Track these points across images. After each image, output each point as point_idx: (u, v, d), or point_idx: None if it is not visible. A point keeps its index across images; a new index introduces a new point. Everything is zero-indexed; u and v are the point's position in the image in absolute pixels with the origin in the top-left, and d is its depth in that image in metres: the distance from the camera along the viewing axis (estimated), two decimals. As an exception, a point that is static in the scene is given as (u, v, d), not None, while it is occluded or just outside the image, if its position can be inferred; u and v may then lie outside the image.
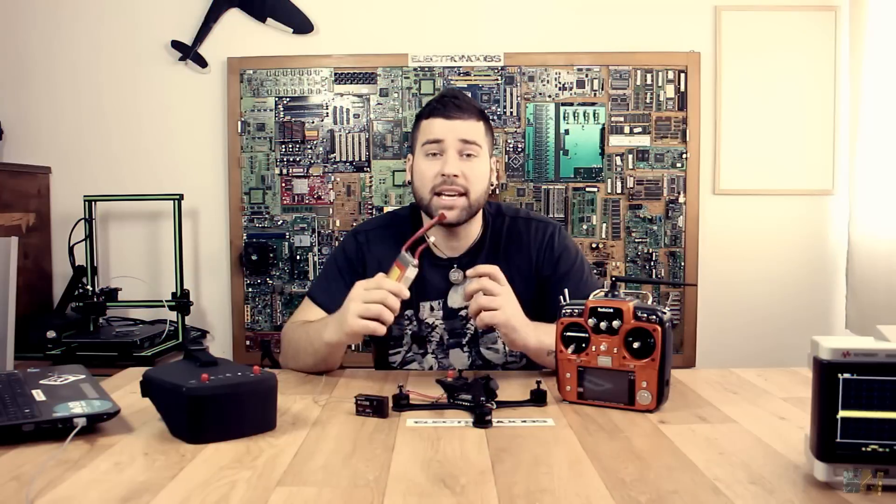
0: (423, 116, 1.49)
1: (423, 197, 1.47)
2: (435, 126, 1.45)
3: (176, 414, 1.00)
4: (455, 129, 1.44)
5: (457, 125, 1.44)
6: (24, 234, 2.47)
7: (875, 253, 2.35)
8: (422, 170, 1.46)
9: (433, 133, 1.45)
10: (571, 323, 1.16)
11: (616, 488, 0.82)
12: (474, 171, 1.45)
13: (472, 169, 1.44)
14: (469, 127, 1.45)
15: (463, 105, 1.46)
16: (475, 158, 1.45)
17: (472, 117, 1.46)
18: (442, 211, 1.42)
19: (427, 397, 1.17)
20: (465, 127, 1.45)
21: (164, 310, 2.44)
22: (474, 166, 1.45)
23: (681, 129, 2.59)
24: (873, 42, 2.37)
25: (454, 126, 1.44)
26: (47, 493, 0.81)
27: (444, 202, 1.43)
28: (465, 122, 1.45)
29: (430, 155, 1.45)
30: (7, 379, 1.15)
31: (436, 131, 1.45)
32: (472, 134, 1.45)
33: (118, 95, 2.65)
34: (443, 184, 1.43)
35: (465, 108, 1.46)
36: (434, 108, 1.47)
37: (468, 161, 1.45)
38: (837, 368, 0.78)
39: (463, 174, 1.43)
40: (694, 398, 1.21)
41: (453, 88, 1.53)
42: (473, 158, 1.45)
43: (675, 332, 2.58)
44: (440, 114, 1.45)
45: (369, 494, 0.81)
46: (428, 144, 1.45)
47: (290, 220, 2.63)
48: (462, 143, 1.44)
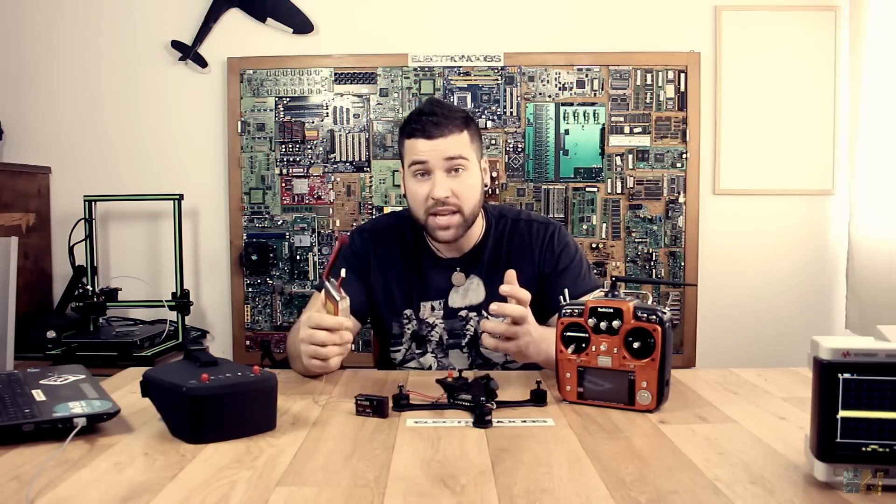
0: (406, 135, 1.47)
1: (419, 217, 1.47)
2: (418, 147, 1.43)
3: (176, 414, 1.00)
4: (438, 148, 1.41)
5: (439, 144, 1.41)
6: (24, 234, 2.47)
7: (875, 253, 2.35)
8: (413, 190, 1.46)
9: (417, 154, 1.43)
10: (571, 323, 1.16)
11: (616, 488, 0.82)
12: (464, 186, 1.43)
13: (462, 183, 1.43)
14: (452, 143, 1.42)
15: (441, 120, 1.42)
16: (464, 171, 1.44)
17: (453, 131, 1.43)
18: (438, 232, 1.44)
19: (427, 397, 1.17)
20: (448, 144, 1.42)
21: (164, 310, 2.44)
22: (464, 180, 1.44)
23: (681, 129, 2.59)
24: (873, 42, 2.37)
25: (437, 145, 1.41)
26: (47, 493, 0.81)
27: (439, 222, 1.43)
28: (446, 138, 1.42)
29: (419, 175, 1.44)
30: (7, 379, 1.15)
31: (419, 152, 1.42)
32: (456, 149, 1.42)
33: (118, 95, 2.65)
34: (435, 205, 1.42)
35: (443, 123, 1.42)
36: (413, 128, 1.44)
37: (457, 177, 1.43)
38: (837, 368, 0.78)
39: (453, 193, 1.42)
40: (694, 398, 1.21)
41: (431, 100, 1.50)
42: (462, 172, 1.44)
43: (675, 332, 2.58)
44: (421, 134, 1.42)
45: (369, 494, 0.81)
46: (414, 165, 1.44)
47: (290, 220, 2.63)
48: (447, 160, 1.42)
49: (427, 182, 1.43)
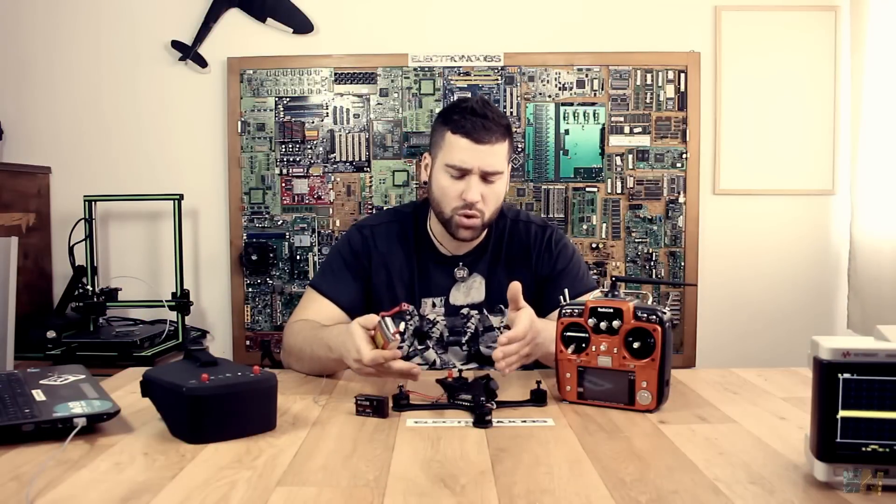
0: (449, 127, 1.45)
1: (443, 211, 1.48)
2: (461, 149, 1.43)
3: (176, 414, 1.00)
4: (481, 158, 1.42)
5: (483, 152, 1.42)
6: (24, 234, 2.47)
7: (877, 252, 2.35)
8: (442, 186, 1.46)
9: (458, 159, 1.43)
10: (571, 323, 1.16)
11: (616, 488, 0.82)
12: (494, 194, 1.47)
13: (493, 192, 1.46)
14: (495, 153, 1.43)
15: (492, 126, 1.43)
16: (497, 182, 1.46)
17: (499, 139, 1.44)
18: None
19: (427, 397, 1.17)
20: (491, 153, 1.43)
21: (164, 310, 2.44)
22: (495, 189, 1.46)
23: (681, 129, 2.59)
24: (873, 42, 2.37)
25: (480, 153, 1.42)
26: (47, 493, 0.81)
27: (463, 223, 1.45)
28: (492, 146, 1.43)
29: (453, 176, 1.45)
30: (7, 379, 1.15)
31: (461, 158, 1.43)
32: (496, 162, 1.44)
33: (118, 95, 2.65)
34: (464, 207, 1.44)
35: (493, 129, 1.43)
36: (462, 125, 1.43)
37: (490, 185, 1.45)
38: (837, 368, 0.78)
39: (483, 198, 1.44)
40: (694, 398, 1.21)
41: (482, 100, 1.49)
42: (496, 182, 1.46)
43: (675, 332, 2.58)
44: (467, 135, 1.42)
45: (369, 494, 0.81)
46: (451, 168, 1.44)
47: (290, 220, 2.63)
48: (487, 172, 1.44)
49: (461, 182, 1.44)
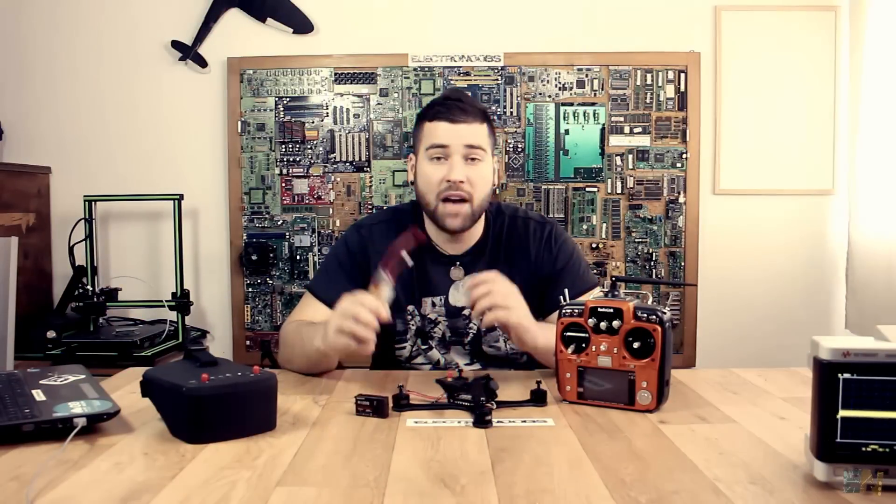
0: (427, 118, 1.48)
1: (429, 202, 1.47)
2: (439, 130, 1.44)
3: (176, 414, 1.00)
4: (460, 134, 1.44)
5: (461, 129, 1.44)
6: (24, 234, 2.47)
7: (875, 253, 2.35)
8: (426, 174, 1.46)
9: (438, 138, 1.44)
10: (571, 323, 1.16)
11: (616, 488, 0.82)
12: (479, 176, 1.45)
13: (477, 173, 1.45)
14: (474, 131, 1.45)
15: (467, 108, 1.45)
16: (479, 162, 1.46)
17: (476, 120, 1.45)
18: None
19: (427, 397, 1.17)
20: (470, 131, 1.44)
21: (164, 310, 2.44)
22: (478, 170, 1.46)
23: (681, 129, 2.59)
24: (873, 42, 2.37)
25: (459, 131, 1.43)
26: (47, 493, 0.81)
27: (448, 209, 1.44)
28: (469, 125, 1.44)
29: (435, 159, 1.45)
30: (7, 379, 1.14)
31: (440, 136, 1.44)
32: (476, 138, 1.45)
33: (118, 95, 2.65)
34: (448, 189, 1.43)
35: (469, 110, 1.45)
36: (438, 111, 1.46)
37: (473, 165, 1.45)
38: (837, 368, 0.78)
39: (468, 179, 1.44)
40: (694, 398, 1.21)
41: (456, 89, 1.52)
42: (478, 162, 1.46)
43: (675, 332, 2.58)
44: (444, 117, 1.44)
45: (369, 494, 0.81)
46: (432, 149, 1.45)
47: (290, 220, 2.63)
48: (467, 148, 1.44)
49: (443, 166, 1.44)
